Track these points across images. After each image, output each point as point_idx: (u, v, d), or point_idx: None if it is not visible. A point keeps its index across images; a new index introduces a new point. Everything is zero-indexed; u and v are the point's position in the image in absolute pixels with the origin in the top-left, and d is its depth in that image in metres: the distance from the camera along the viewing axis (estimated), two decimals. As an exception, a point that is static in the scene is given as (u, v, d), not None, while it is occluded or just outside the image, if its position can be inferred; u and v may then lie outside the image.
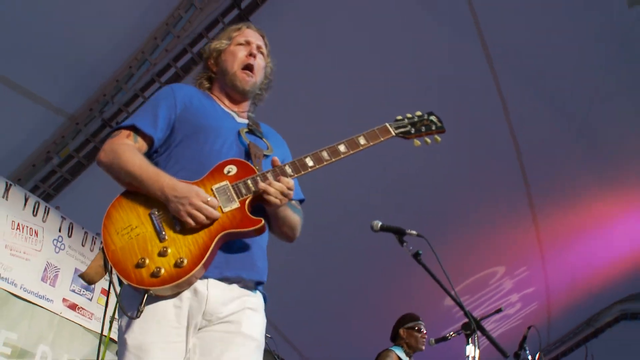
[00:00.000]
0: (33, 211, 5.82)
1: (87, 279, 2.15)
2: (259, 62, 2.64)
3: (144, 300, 2.01)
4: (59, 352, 5.85)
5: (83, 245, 6.42)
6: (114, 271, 2.08)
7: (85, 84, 5.93)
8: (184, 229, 2.14)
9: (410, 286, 7.81)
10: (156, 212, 2.18)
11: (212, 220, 2.16)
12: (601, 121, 7.31)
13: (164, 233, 2.12)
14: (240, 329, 2.20)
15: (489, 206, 8.29)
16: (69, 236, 6.24)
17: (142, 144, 2.35)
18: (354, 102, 6.67)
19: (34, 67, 5.64)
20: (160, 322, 2.06)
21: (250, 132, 2.53)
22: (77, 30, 5.59)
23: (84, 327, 6.24)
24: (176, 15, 5.99)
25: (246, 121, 2.60)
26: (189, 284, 2.09)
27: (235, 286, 2.26)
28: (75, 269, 6.22)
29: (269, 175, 2.27)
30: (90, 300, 6.42)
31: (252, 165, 2.34)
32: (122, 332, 2.09)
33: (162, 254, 2.07)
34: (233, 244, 2.25)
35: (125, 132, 2.35)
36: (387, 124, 2.55)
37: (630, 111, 5.79)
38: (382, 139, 2.49)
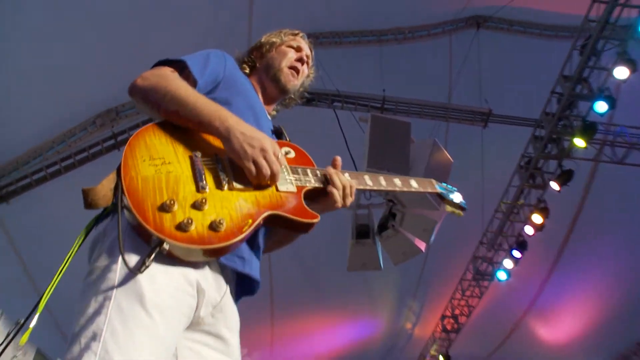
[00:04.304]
0: None
1: (90, 199, 1.24)
2: (304, 70, 2.00)
3: (154, 254, 1.17)
4: None
5: None
6: (127, 203, 1.20)
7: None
8: (230, 187, 1.34)
9: None
10: (199, 155, 1.37)
11: (270, 182, 1.40)
12: (326, 279, 9.27)
13: (204, 182, 1.30)
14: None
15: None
16: None
17: None
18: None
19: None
20: (178, 289, 1.24)
21: (276, 134, 1.83)
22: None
23: None
24: (72, 132, 6.52)
25: (270, 120, 1.89)
26: (213, 255, 1.27)
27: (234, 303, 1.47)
28: None
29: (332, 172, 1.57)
30: None
31: (310, 157, 1.65)
32: (126, 278, 1.19)
33: (197, 206, 1.24)
34: (256, 239, 1.49)
35: (168, 68, 1.51)
36: (433, 180, 1.96)
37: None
38: (429, 189, 1.89)
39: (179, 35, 6.36)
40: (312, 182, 1.52)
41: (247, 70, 1.95)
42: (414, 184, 1.83)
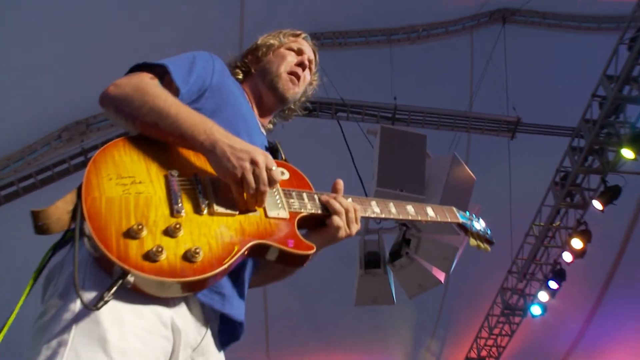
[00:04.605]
0: None
1: (40, 223, 1.20)
2: (306, 76, 1.99)
3: (115, 287, 1.13)
4: None
5: None
6: (87, 229, 1.18)
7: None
8: (210, 212, 1.33)
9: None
10: (176, 174, 1.36)
11: (261, 201, 1.39)
12: (329, 315, 9.34)
13: (180, 205, 1.28)
14: None
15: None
16: None
17: None
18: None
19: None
20: (150, 331, 1.22)
21: (271, 151, 1.77)
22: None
23: None
24: (33, 147, 6.52)
25: (265, 135, 1.89)
26: (188, 290, 1.24)
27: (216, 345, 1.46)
28: None
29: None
30: None
31: (307, 180, 1.65)
32: (86, 319, 1.15)
33: (170, 232, 1.23)
34: (241, 273, 1.48)
35: (147, 74, 1.51)
36: (454, 208, 1.93)
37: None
38: (449, 219, 1.86)
39: (161, 34, 6.37)
40: (308, 208, 1.51)
41: (241, 76, 1.95)
42: (430, 212, 1.79)
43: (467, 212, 2.01)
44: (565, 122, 7.51)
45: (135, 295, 1.19)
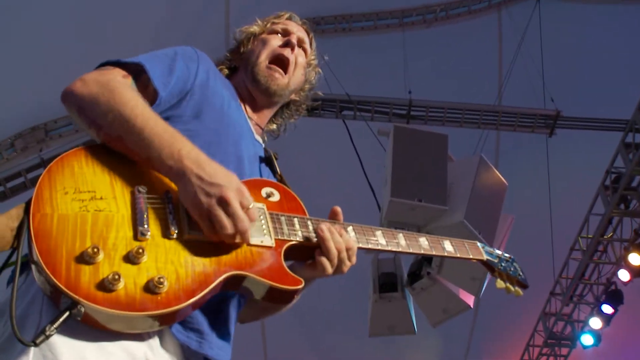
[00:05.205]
0: None
1: None
2: (298, 58, 1.96)
3: (61, 319, 1.12)
4: None
5: None
6: (34, 252, 1.18)
7: None
8: (181, 236, 1.34)
9: None
10: (144, 191, 1.37)
11: (235, 243, 1.38)
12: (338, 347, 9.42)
13: (146, 227, 1.28)
14: None
15: None
16: None
17: None
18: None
19: None
20: None
21: (267, 162, 1.85)
22: None
23: None
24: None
25: (261, 142, 1.92)
26: (156, 323, 1.24)
27: None
28: None
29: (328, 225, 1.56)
30: None
31: (300, 202, 1.66)
32: (38, 358, 1.16)
33: (131, 258, 1.23)
34: (224, 307, 1.52)
35: (120, 71, 1.53)
36: (478, 243, 1.95)
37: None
38: (471, 255, 1.88)
39: (134, 24, 6.38)
40: (298, 236, 1.52)
41: (227, 72, 2.01)
42: (448, 246, 1.81)
43: (494, 249, 2.02)
44: (616, 114, 7.40)
45: (100, 330, 1.19)
